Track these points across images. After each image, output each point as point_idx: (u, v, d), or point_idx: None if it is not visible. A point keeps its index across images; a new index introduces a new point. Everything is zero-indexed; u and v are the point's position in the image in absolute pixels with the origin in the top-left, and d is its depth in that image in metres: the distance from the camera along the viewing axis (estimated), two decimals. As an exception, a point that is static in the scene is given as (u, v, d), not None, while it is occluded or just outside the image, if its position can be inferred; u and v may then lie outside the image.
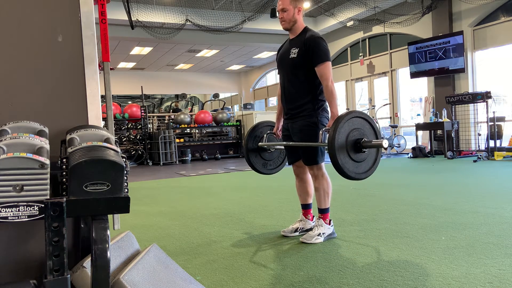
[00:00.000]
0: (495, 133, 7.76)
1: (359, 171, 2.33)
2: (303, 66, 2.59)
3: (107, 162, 1.25)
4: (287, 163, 2.98)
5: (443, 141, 8.83)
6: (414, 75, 10.04)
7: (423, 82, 10.31)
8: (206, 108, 16.81)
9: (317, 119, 2.61)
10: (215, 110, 13.17)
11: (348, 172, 2.27)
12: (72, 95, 1.64)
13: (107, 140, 1.39)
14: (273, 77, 17.10)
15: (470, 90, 9.08)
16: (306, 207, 2.84)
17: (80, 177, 1.22)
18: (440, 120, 8.80)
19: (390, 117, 11.24)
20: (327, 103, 2.66)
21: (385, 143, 2.26)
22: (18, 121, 1.45)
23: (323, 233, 2.62)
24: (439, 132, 9.15)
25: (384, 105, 11.07)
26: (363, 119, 2.37)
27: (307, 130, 2.61)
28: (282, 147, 2.90)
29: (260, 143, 2.90)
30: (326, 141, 2.30)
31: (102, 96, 4.00)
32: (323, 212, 2.67)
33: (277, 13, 2.69)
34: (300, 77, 2.61)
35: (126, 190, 1.31)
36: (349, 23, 10.46)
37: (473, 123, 8.84)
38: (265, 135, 2.94)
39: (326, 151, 2.40)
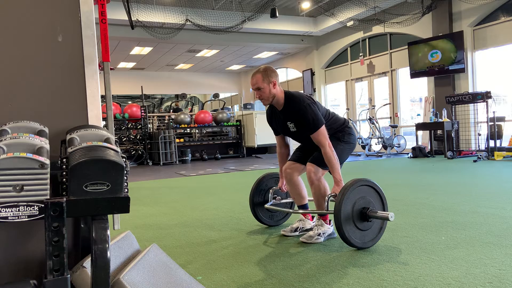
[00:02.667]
0: (495, 133, 7.76)
1: (366, 239, 2.39)
2: (308, 133, 2.61)
3: (107, 162, 1.25)
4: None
5: (443, 141, 8.83)
6: (414, 75, 10.04)
7: (423, 82, 10.32)
8: (206, 108, 16.81)
9: (340, 135, 2.72)
10: (215, 110, 13.17)
11: (355, 242, 2.33)
12: (72, 95, 1.64)
13: (107, 140, 1.39)
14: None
15: (470, 90, 9.08)
16: (302, 208, 2.84)
17: (80, 177, 1.22)
18: (440, 120, 8.80)
19: (390, 117, 11.25)
20: (346, 124, 2.77)
21: (391, 217, 2.30)
22: (18, 121, 1.45)
23: (323, 233, 2.62)
24: (439, 132, 9.15)
25: (384, 105, 11.07)
26: (370, 186, 2.42)
27: (332, 138, 2.64)
28: (288, 209, 2.95)
29: (266, 206, 2.94)
30: (332, 209, 2.36)
31: (102, 96, 4.00)
32: (322, 214, 2.67)
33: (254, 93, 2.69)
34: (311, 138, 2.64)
35: (126, 190, 1.31)
36: (349, 23, 10.46)
37: (473, 123, 8.84)
38: (270, 190, 2.98)
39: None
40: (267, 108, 2.83)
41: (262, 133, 11.56)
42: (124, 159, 1.32)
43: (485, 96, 7.74)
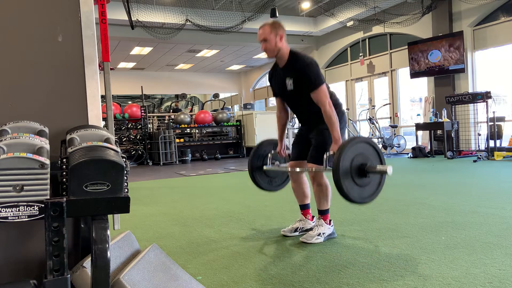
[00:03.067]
0: (495, 133, 7.76)
1: (364, 195, 2.36)
2: (304, 94, 2.58)
3: (107, 162, 1.25)
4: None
5: (443, 141, 8.83)
6: (414, 75, 10.04)
7: (423, 82, 10.32)
8: (206, 108, 16.81)
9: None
10: (215, 110, 13.17)
11: (353, 197, 2.30)
12: (72, 95, 1.64)
13: (107, 140, 1.39)
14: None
15: (470, 90, 9.08)
16: (304, 208, 2.84)
17: (80, 177, 1.22)
18: (440, 120, 8.80)
19: (390, 117, 11.24)
20: (340, 109, 2.69)
21: (390, 170, 2.28)
22: (18, 121, 1.45)
23: (323, 233, 2.62)
24: (439, 132, 9.15)
25: (384, 105, 11.07)
26: (367, 143, 2.40)
27: (325, 133, 2.60)
28: (287, 169, 2.91)
29: (265, 167, 2.92)
30: (331, 165, 2.33)
31: (102, 96, 3.99)
32: (323, 213, 2.67)
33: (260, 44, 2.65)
34: (307, 103, 2.60)
35: (126, 190, 1.31)
36: (349, 23, 10.46)
37: (473, 123, 8.84)
38: (269, 155, 2.95)
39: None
40: (270, 68, 2.81)
41: (262, 133, 11.55)
42: (124, 159, 1.32)
43: (485, 96, 7.74)
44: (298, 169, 2.75)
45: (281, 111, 2.86)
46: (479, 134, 8.26)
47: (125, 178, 1.30)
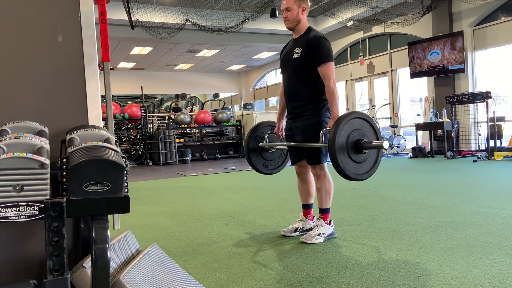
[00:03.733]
0: (495, 133, 7.76)
1: (360, 171, 2.33)
2: (306, 66, 2.58)
3: (107, 162, 1.25)
4: (289, 163, 2.97)
5: (443, 141, 8.83)
6: (414, 75, 10.04)
7: (423, 82, 10.31)
8: (206, 108, 16.81)
9: (320, 119, 2.60)
10: (215, 110, 13.17)
11: (349, 173, 2.27)
12: (72, 95, 1.64)
13: (107, 140, 1.39)
14: (273, 77, 17.09)
15: (470, 90, 9.08)
16: (307, 207, 2.84)
17: (80, 177, 1.22)
18: (440, 120, 8.80)
19: (390, 117, 11.24)
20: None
21: (386, 144, 2.26)
22: (18, 121, 1.45)
23: (323, 233, 2.62)
24: (439, 132, 9.15)
25: (384, 105, 11.07)
26: (364, 119, 2.36)
27: (310, 130, 2.60)
28: (284, 147, 2.90)
29: (261, 143, 2.90)
30: (327, 142, 2.30)
31: (102, 96, 4.00)
32: (324, 212, 2.67)
33: (281, 12, 2.67)
34: (304, 77, 2.61)
35: (126, 190, 1.31)
36: (349, 23, 10.46)
37: (473, 123, 8.84)
38: (266, 135, 2.93)
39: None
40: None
41: (262, 133, 11.54)
42: (124, 159, 1.32)
43: (485, 96, 7.74)
44: (293, 144, 2.70)
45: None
46: (479, 134, 8.26)
47: (125, 178, 1.30)
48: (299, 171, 2.82)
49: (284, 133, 2.89)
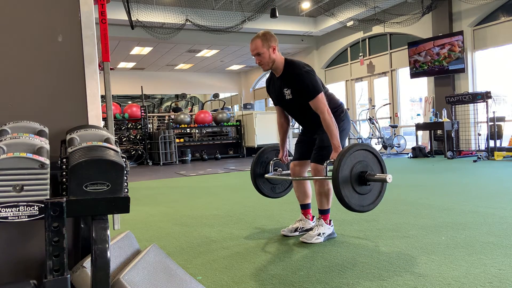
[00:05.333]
0: (495, 133, 7.76)
1: (364, 203, 2.35)
2: (303, 102, 2.57)
3: (107, 162, 1.25)
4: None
5: (443, 141, 8.83)
6: (414, 75, 10.04)
7: (423, 82, 10.31)
8: (206, 108, 16.81)
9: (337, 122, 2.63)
10: (215, 110, 13.17)
11: (354, 206, 2.29)
12: (72, 95, 1.64)
13: (107, 140, 1.39)
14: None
15: (470, 90, 9.08)
16: (305, 207, 2.84)
17: (80, 177, 1.22)
18: (440, 120, 8.80)
19: (390, 117, 11.24)
20: (342, 109, 2.71)
21: (389, 178, 2.27)
22: (18, 121, 1.45)
23: (323, 233, 2.62)
24: (439, 132, 9.15)
25: (384, 105, 11.07)
26: (367, 151, 2.39)
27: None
28: (289, 177, 2.92)
29: (266, 175, 2.93)
30: (331, 174, 2.33)
31: (102, 96, 3.99)
32: (323, 213, 2.67)
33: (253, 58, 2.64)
34: (306, 110, 2.60)
35: (126, 190, 1.31)
36: (349, 23, 10.46)
37: (473, 123, 8.84)
38: (271, 162, 2.96)
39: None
40: (267, 77, 2.81)
41: (262, 133, 11.55)
42: (124, 159, 1.32)
43: (485, 96, 7.74)
44: (298, 178, 2.78)
45: (282, 117, 2.87)
46: (479, 134, 8.26)
47: (125, 178, 1.30)
48: (296, 171, 2.80)
49: (288, 158, 2.92)
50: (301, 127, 2.91)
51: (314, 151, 2.65)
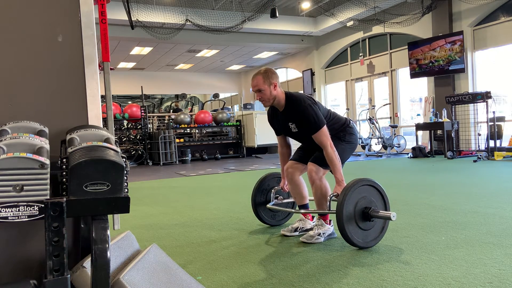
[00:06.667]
0: (495, 133, 7.76)
1: (367, 239, 2.39)
2: (309, 133, 2.60)
3: (107, 162, 1.25)
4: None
5: (443, 141, 8.83)
6: (414, 75, 10.04)
7: (423, 82, 10.31)
8: (206, 108, 16.81)
9: (341, 135, 2.71)
10: (215, 110, 13.17)
11: (357, 242, 2.33)
12: (72, 95, 1.64)
13: (107, 140, 1.39)
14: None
15: (470, 90, 9.08)
16: (303, 208, 2.84)
17: (80, 177, 1.22)
18: (440, 120, 8.80)
19: (390, 117, 11.24)
20: (349, 128, 2.75)
21: (393, 216, 2.29)
22: (18, 121, 1.45)
23: (323, 233, 2.62)
24: (439, 132, 9.15)
25: (384, 105, 11.07)
26: (371, 186, 2.42)
27: (337, 143, 2.65)
28: (290, 209, 2.95)
29: (268, 205, 2.95)
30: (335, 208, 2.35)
31: (102, 96, 3.99)
32: (323, 214, 2.67)
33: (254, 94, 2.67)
34: (312, 139, 2.62)
35: (126, 190, 1.31)
36: (349, 23, 10.46)
37: (473, 123, 8.84)
38: (272, 190, 2.99)
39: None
40: (268, 109, 2.83)
41: (262, 133, 11.55)
42: (124, 159, 1.32)
43: (485, 96, 7.74)
44: (296, 209, 2.83)
45: (283, 147, 2.91)
46: (479, 134, 8.26)
47: (125, 178, 1.30)
48: (291, 171, 2.78)
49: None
50: None
51: (316, 153, 2.66)
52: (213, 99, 16.04)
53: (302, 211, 2.79)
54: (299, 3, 10.86)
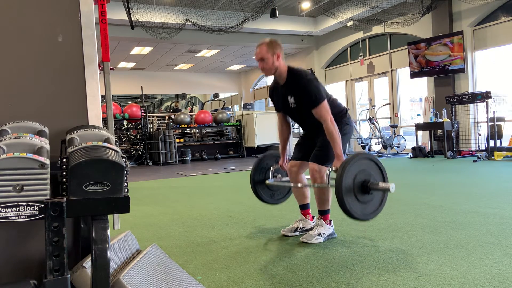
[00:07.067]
0: (495, 133, 7.76)
1: (366, 212, 2.37)
2: (307, 109, 2.58)
3: (107, 162, 1.25)
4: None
5: (443, 141, 8.83)
6: (414, 75, 10.04)
7: (423, 82, 10.31)
8: (206, 108, 16.80)
9: (339, 127, 2.64)
10: (215, 110, 13.17)
11: (356, 214, 2.30)
12: (72, 95, 1.64)
13: (107, 140, 1.39)
14: (273, 77, 17.05)
15: (470, 90, 9.08)
16: (304, 207, 2.84)
17: (80, 177, 1.22)
18: (440, 120, 8.79)
19: (390, 117, 11.24)
20: (345, 113, 2.73)
21: (392, 188, 2.28)
22: (18, 121, 1.45)
23: (323, 233, 2.62)
24: (439, 132, 9.15)
25: (384, 105, 11.07)
26: (370, 160, 2.41)
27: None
28: (289, 184, 2.92)
29: (267, 181, 2.93)
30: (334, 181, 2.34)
31: (102, 96, 3.99)
32: (323, 213, 2.67)
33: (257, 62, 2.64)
34: (310, 117, 2.60)
35: (126, 190, 1.31)
36: (349, 23, 10.46)
37: (473, 123, 8.84)
38: (271, 168, 2.96)
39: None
40: (271, 84, 2.82)
41: (262, 133, 11.55)
42: (124, 159, 1.32)
43: (485, 96, 7.74)
44: (300, 185, 2.79)
45: (283, 125, 2.89)
46: (479, 134, 8.25)
47: (125, 178, 1.30)
48: (293, 171, 2.78)
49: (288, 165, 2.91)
50: (302, 130, 2.91)
51: (315, 151, 2.65)
52: (213, 99, 16.04)
53: (299, 185, 2.76)
54: (299, 3, 10.86)
